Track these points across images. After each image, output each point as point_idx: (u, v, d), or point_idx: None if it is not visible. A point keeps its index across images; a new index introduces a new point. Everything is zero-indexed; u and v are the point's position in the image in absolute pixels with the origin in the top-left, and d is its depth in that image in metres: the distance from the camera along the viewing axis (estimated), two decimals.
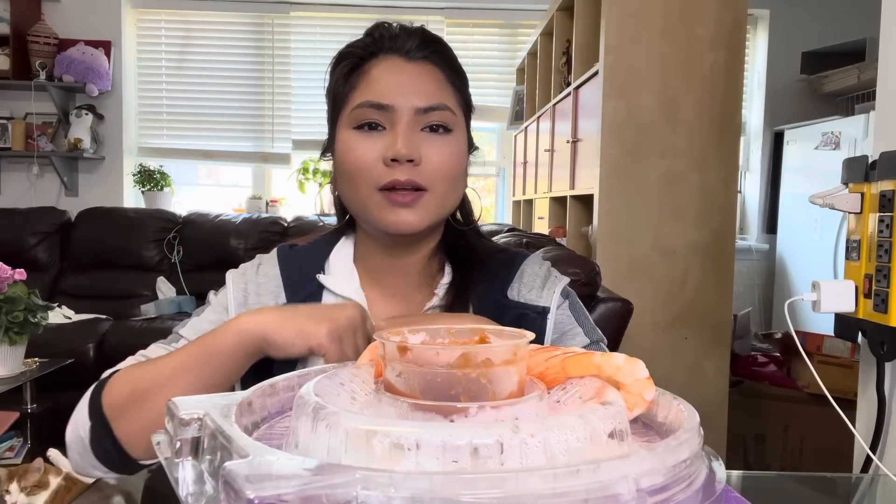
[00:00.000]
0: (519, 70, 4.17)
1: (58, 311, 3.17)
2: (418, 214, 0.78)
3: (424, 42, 0.81)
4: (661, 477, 0.33)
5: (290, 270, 0.86)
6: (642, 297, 2.15)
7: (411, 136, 0.77)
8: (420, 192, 0.77)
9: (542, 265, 0.89)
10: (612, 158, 2.28)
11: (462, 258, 0.87)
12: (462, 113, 0.83)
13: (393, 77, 0.79)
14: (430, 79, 0.80)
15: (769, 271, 4.23)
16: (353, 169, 0.78)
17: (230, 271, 0.88)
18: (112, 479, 0.84)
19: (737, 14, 2.28)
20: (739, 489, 0.94)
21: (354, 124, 0.79)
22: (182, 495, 0.38)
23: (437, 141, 0.78)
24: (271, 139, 4.37)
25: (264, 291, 0.84)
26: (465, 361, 0.40)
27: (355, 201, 0.80)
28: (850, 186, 1.19)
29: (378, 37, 0.82)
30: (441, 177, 0.78)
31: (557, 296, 0.85)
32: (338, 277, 0.86)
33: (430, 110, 0.78)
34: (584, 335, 0.84)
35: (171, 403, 0.43)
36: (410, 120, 0.77)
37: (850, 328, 1.20)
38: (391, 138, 0.77)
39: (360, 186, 0.78)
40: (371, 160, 0.77)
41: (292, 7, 4.31)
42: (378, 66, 0.80)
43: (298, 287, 0.84)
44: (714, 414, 2.30)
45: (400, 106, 0.77)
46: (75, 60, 3.99)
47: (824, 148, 3.50)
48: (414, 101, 0.77)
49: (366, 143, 0.78)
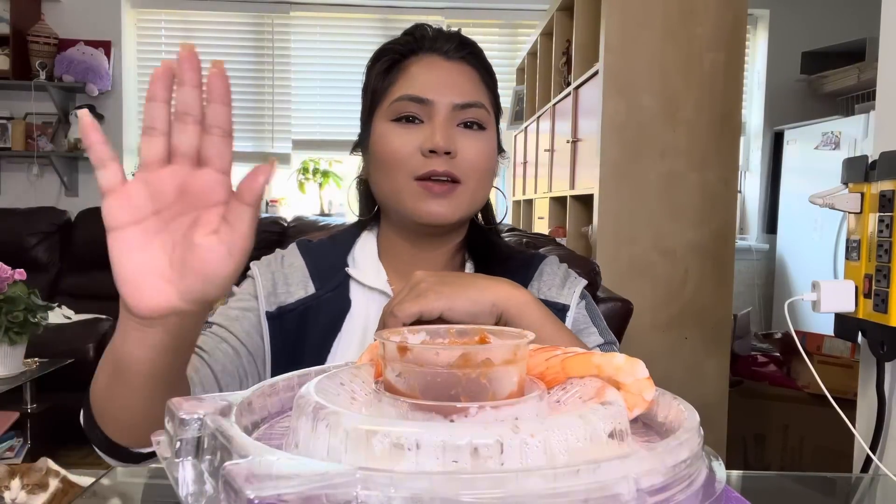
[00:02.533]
0: (519, 70, 4.16)
1: (58, 311, 3.17)
2: (451, 206, 0.80)
3: (462, 44, 0.85)
4: (661, 477, 0.33)
5: (316, 262, 0.87)
6: (642, 297, 2.14)
7: (448, 130, 0.80)
8: (455, 184, 0.80)
9: (560, 266, 0.91)
10: (612, 158, 2.28)
11: (484, 255, 0.89)
12: (493, 113, 0.86)
13: (432, 73, 0.82)
14: (466, 78, 0.84)
15: (769, 271, 4.23)
16: (391, 158, 0.80)
17: (253, 263, 0.88)
18: (110, 481, 0.83)
19: (737, 14, 2.28)
20: (739, 489, 0.94)
21: (393, 117, 0.81)
22: (182, 495, 0.38)
23: (471, 137, 0.81)
24: (271, 139, 4.37)
25: (292, 281, 0.85)
26: (465, 361, 0.40)
27: (391, 191, 0.82)
28: (850, 186, 1.19)
29: (419, 36, 0.85)
30: (475, 171, 0.81)
31: (577, 295, 0.87)
32: (365, 270, 0.87)
33: (467, 107, 0.81)
34: (598, 335, 0.86)
35: (171, 403, 0.43)
36: (447, 115, 0.80)
37: (850, 328, 1.20)
38: (429, 131, 0.79)
39: (396, 176, 0.80)
40: (409, 150, 0.79)
41: (292, 7, 4.31)
42: (417, 64, 0.83)
43: (326, 277, 0.86)
44: (714, 414, 2.30)
45: (438, 101, 0.80)
46: (75, 60, 3.99)
47: (824, 148, 3.50)
48: (451, 97, 0.81)
49: (404, 134, 0.80)
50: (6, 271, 2.23)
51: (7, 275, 2.23)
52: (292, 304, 0.83)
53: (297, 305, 0.83)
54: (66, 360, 2.57)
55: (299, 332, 0.82)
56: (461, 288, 0.67)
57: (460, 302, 0.66)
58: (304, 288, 0.84)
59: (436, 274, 0.70)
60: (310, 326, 0.83)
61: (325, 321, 0.83)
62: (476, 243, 0.91)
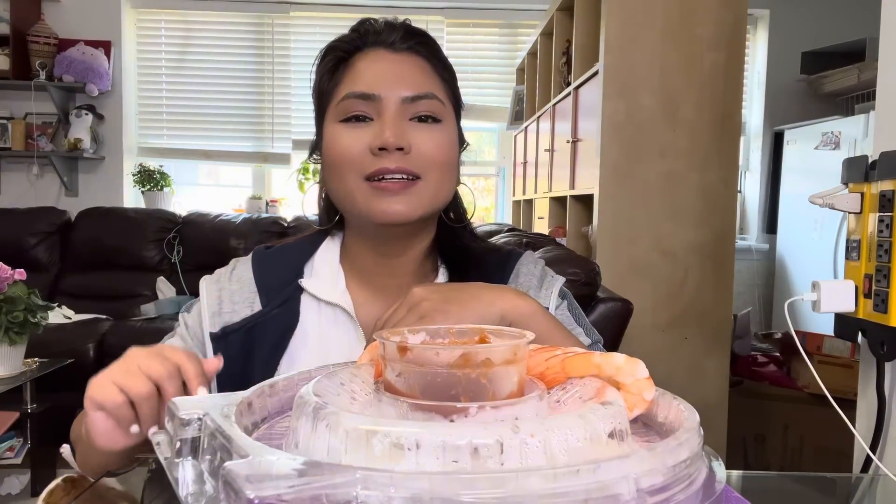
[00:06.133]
0: (519, 70, 4.16)
1: (58, 311, 3.17)
2: (411, 203, 0.76)
3: (409, 33, 0.81)
4: (661, 477, 0.33)
5: (265, 274, 0.84)
6: (642, 298, 2.15)
7: (399, 125, 0.76)
8: (413, 180, 0.76)
9: (536, 264, 0.88)
10: (612, 158, 2.28)
11: (457, 258, 0.85)
12: (451, 106, 0.82)
13: (378, 67, 0.78)
14: (416, 69, 0.79)
15: (769, 271, 4.23)
16: (339, 160, 0.77)
17: (204, 278, 0.85)
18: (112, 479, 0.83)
19: (737, 14, 2.28)
20: (739, 489, 0.94)
21: (341, 117, 0.78)
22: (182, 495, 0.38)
23: (426, 130, 0.77)
24: (271, 139, 4.37)
25: (238, 299, 0.82)
26: (465, 361, 0.40)
27: (342, 194, 0.79)
28: (850, 186, 1.19)
29: (363, 31, 0.82)
30: (434, 165, 0.77)
31: (555, 296, 0.85)
32: (321, 280, 0.83)
33: (418, 99, 0.77)
34: (584, 335, 0.84)
35: (171, 403, 0.43)
36: (398, 109, 0.76)
37: (850, 328, 1.20)
38: (378, 128, 0.76)
39: (346, 177, 0.77)
40: (358, 150, 0.76)
41: (292, 7, 4.31)
42: (363, 59, 0.80)
43: (274, 292, 0.82)
44: (714, 414, 2.30)
45: (386, 95, 0.76)
46: (75, 60, 3.99)
47: (824, 148, 3.50)
48: (400, 90, 0.77)
49: (352, 134, 0.77)
50: (6, 271, 2.23)
51: (7, 275, 2.23)
52: (237, 323, 0.80)
53: (242, 325, 0.80)
54: (66, 360, 2.57)
55: (245, 351, 0.80)
56: (467, 304, 0.65)
57: (469, 320, 0.63)
58: (250, 306, 0.81)
59: (436, 290, 0.68)
60: (256, 345, 0.80)
61: (272, 338, 0.80)
62: (447, 245, 0.86)
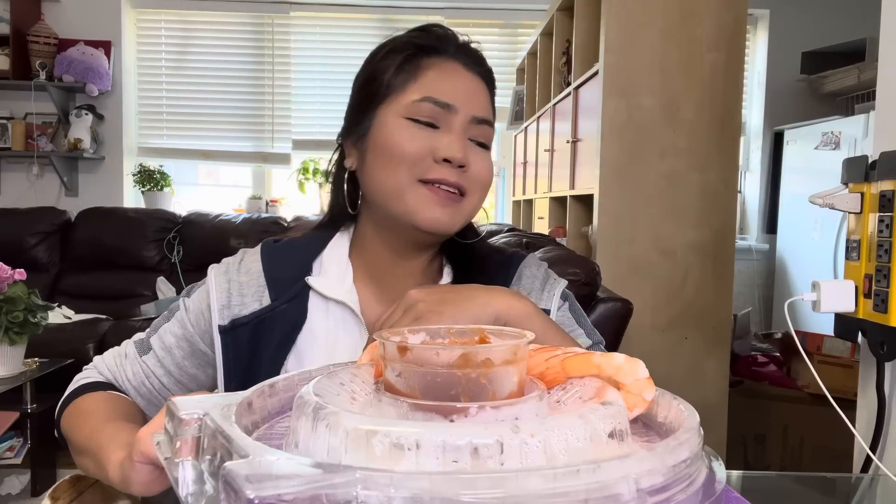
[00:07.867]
0: (519, 70, 4.16)
1: (58, 311, 3.17)
2: (454, 216, 0.79)
3: (480, 59, 0.85)
4: (661, 477, 0.33)
5: (274, 268, 0.83)
6: (642, 298, 2.14)
7: (465, 141, 0.79)
8: (461, 196, 0.79)
9: (539, 266, 0.89)
10: (612, 158, 2.28)
11: (462, 261, 0.87)
12: None
13: (457, 81, 0.81)
14: (483, 93, 0.83)
15: (769, 271, 4.23)
16: (398, 153, 0.77)
17: (212, 266, 0.85)
18: None
19: (737, 14, 2.28)
20: (739, 489, 0.94)
21: (409, 115, 0.78)
22: (182, 495, 0.38)
23: (480, 153, 0.81)
24: (271, 139, 4.37)
25: (247, 291, 0.82)
26: (465, 361, 0.40)
27: (389, 186, 0.78)
28: (850, 186, 1.19)
29: (439, 36, 0.83)
30: (481, 186, 0.81)
31: (557, 298, 0.85)
32: (328, 277, 0.83)
33: (482, 122, 0.81)
34: (585, 336, 0.84)
35: (170, 403, 0.43)
36: (465, 126, 0.79)
37: (850, 328, 1.20)
38: (446, 138, 0.77)
39: (399, 172, 0.77)
40: (419, 151, 0.77)
41: (292, 7, 4.31)
42: (438, 67, 0.80)
43: (283, 287, 0.82)
44: (714, 414, 2.30)
45: (461, 109, 0.79)
46: (75, 60, 3.99)
47: (824, 148, 3.50)
48: (472, 109, 0.80)
49: (418, 133, 0.78)
50: (6, 271, 2.23)
51: (7, 275, 2.23)
52: (246, 316, 0.80)
53: (251, 318, 0.80)
54: (66, 360, 2.57)
55: (252, 345, 0.80)
56: (461, 305, 0.66)
57: (464, 321, 0.64)
58: (259, 300, 0.81)
59: (432, 292, 0.68)
60: (263, 339, 0.80)
61: (279, 334, 0.80)
62: (454, 247, 0.88)
